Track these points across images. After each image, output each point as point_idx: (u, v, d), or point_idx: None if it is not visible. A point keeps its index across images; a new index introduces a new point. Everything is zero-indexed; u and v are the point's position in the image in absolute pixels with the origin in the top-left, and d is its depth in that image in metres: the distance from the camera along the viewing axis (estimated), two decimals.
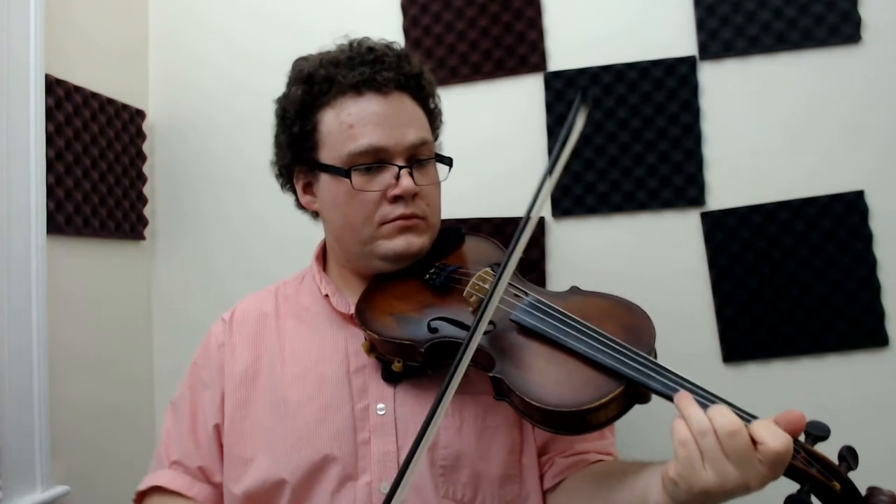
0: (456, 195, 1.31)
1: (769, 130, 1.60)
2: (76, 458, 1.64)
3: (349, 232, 1.14)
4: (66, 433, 1.60)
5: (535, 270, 1.67)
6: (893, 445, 1.48)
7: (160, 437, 1.23)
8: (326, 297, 1.19)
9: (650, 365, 0.85)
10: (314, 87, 1.13)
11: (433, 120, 1.23)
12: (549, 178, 0.82)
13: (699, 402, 0.78)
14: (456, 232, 1.26)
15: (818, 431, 0.77)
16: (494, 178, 1.73)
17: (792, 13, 1.58)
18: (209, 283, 1.92)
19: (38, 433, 1.50)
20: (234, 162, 1.91)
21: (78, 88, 1.69)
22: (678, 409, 0.78)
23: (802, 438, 0.77)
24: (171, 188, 1.97)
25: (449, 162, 1.21)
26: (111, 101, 1.80)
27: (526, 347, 0.95)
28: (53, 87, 1.60)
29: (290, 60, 1.21)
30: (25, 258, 1.50)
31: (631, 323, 0.96)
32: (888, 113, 1.55)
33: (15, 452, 1.45)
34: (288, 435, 1.09)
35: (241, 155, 1.90)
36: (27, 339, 1.50)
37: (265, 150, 1.27)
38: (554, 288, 1.66)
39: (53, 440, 1.54)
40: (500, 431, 1.08)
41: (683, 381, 0.83)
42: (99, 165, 1.74)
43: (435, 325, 1.03)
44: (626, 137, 1.66)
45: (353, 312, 1.13)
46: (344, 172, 1.09)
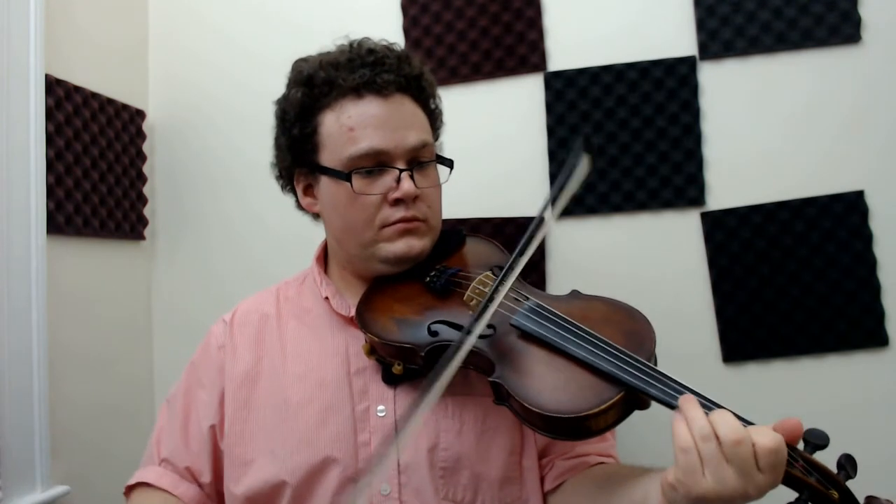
0: (456, 195, 1.30)
1: (769, 130, 1.60)
2: (76, 458, 1.64)
3: (350, 235, 1.13)
4: (66, 433, 1.61)
5: (535, 271, 1.67)
6: (893, 445, 1.48)
7: (153, 432, 1.23)
8: (326, 299, 1.19)
9: (650, 371, 0.85)
10: (314, 89, 1.12)
11: (434, 121, 1.22)
12: (547, 214, 0.83)
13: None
14: (457, 234, 1.26)
15: (817, 440, 0.76)
16: (494, 178, 1.73)
17: (792, 13, 1.58)
18: (209, 283, 1.92)
19: (38, 433, 1.50)
20: (234, 162, 1.91)
21: (78, 88, 1.69)
22: (682, 410, 0.77)
23: (801, 447, 0.77)
24: (171, 188, 1.96)
25: (450, 164, 1.20)
26: (111, 101, 1.80)
27: (526, 352, 0.95)
28: (53, 87, 1.60)
29: (290, 60, 1.20)
30: (25, 258, 1.50)
31: (631, 328, 0.95)
32: (888, 113, 1.55)
33: (15, 452, 1.45)
34: (289, 436, 1.09)
35: (241, 155, 1.90)
36: (27, 339, 1.50)
37: (265, 150, 1.27)
38: (554, 288, 1.68)
39: (53, 440, 1.54)
40: (500, 433, 1.08)
41: (683, 387, 0.82)
42: (99, 165, 1.74)
43: (435, 328, 1.03)
44: (626, 137, 1.66)
45: (353, 315, 1.13)
46: (344, 176, 1.08)
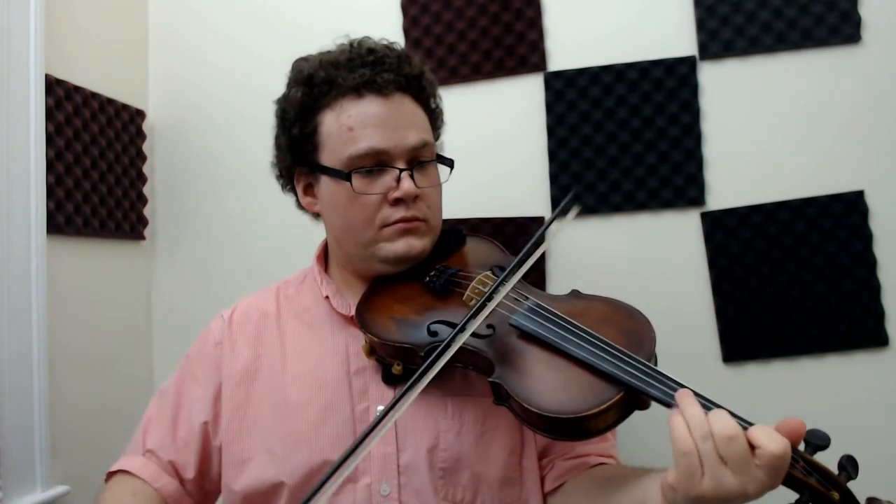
0: (456, 195, 1.30)
1: (769, 130, 1.60)
2: (76, 458, 1.63)
3: (350, 234, 1.13)
4: (66, 433, 1.60)
5: (535, 270, 1.67)
6: (894, 446, 1.48)
7: (141, 421, 1.22)
8: (327, 298, 1.19)
9: (650, 372, 0.85)
10: (314, 88, 1.12)
11: (434, 120, 1.22)
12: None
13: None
14: (457, 233, 1.26)
15: (818, 440, 0.76)
16: (494, 178, 1.73)
17: (792, 13, 1.58)
18: (209, 283, 1.92)
19: (38, 433, 1.50)
20: (234, 162, 1.91)
21: (78, 88, 1.69)
22: (679, 406, 0.77)
23: (802, 447, 0.76)
24: (171, 188, 1.96)
25: (450, 163, 1.20)
26: (111, 101, 1.80)
27: (525, 352, 0.95)
28: (53, 87, 1.60)
29: (290, 60, 1.20)
30: (25, 258, 1.50)
31: (631, 328, 0.95)
32: (888, 113, 1.55)
33: (15, 452, 1.45)
34: (288, 436, 1.09)
35: (241, 155, 1.89)
36: (27, 339, 1.50)
37: (265, 150, 1.27)
38: (554, 288, 1.68)
39: (53, 440, 1.54)
40: (500, 434, 1.08)
41: (683, 387, 0.82)
42: (99, 165, 1.74)
43: (435, 328, 1.03)
44: (626, 137, 1.66)
45: (353, 314, 1.12)
46: (344, 175, 1.08)
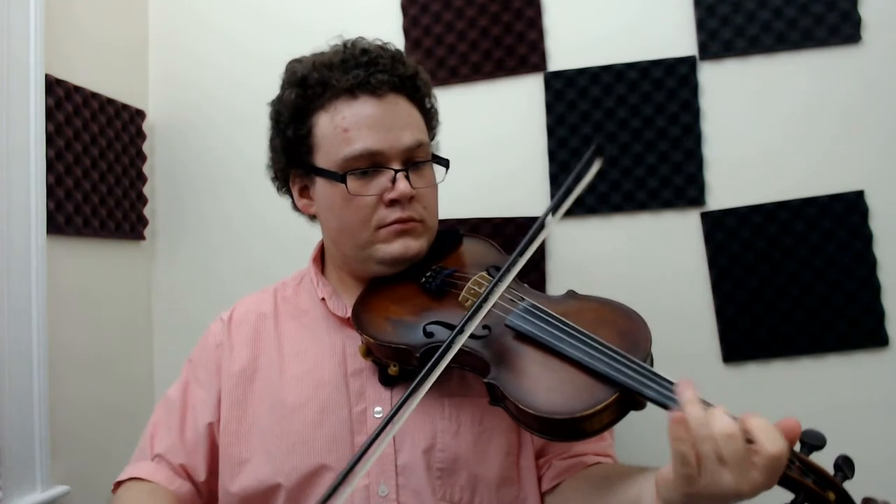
0: (456, 195, 1.30)
1: (769, 130, 1.60)
2: (76, 458, 1.64)
3: (346, 236, 1.13)
4: (66, 433, 1.61)
5: (534, 271, 1.67)
6: (893, 446, 1.47)
7: (147, 427, 1.21)
8: (323, 300, 1.19)
9: (645, 372, 0.84)
10: (308, 90, 1.12)
11: (429, 120, 1.22)
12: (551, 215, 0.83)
13: None
14: (454, 234, 1.25)
15: (814, 441, 0.76)
16: (494, 178, 1.73)
17: (792, 13, 1.58)
18: (209, 283, 1.92)
19: (38, 433, 1.50)
20: (234, 162, 1.91)
21: (78, 88, 1.69)
22: (681, 403, 0.76)
23: (798, 448, 0.76)
24: (171, 188, 1.97)
25: (446, 163, 1.19)
26: (111, 101, 1.80)
27: (521, 353, 0.95)
28: (53, 87, 1.60)
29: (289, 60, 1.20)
30: (25, 258, 1.51)
31: (627, 328, 0.95)
32: (888, 113, 1.54)
33: (15, 452, 1.45)
34: (285, 438, 1.09)
35: (241, 155, 1.89)
36: (27, 339, 1.50)
37: (265, 150, 1.27)
38: (553, 288, 1.68)
39: (53, 440, 1.54)
40: (497, 434, 1.08)
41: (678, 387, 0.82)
42: (99, 165, 1.74)
43: (431, 329, 1.03)
44: (626, 137, 1.65)
45: (349, 316, 1.12)
46: (339, 177, 1.08)
